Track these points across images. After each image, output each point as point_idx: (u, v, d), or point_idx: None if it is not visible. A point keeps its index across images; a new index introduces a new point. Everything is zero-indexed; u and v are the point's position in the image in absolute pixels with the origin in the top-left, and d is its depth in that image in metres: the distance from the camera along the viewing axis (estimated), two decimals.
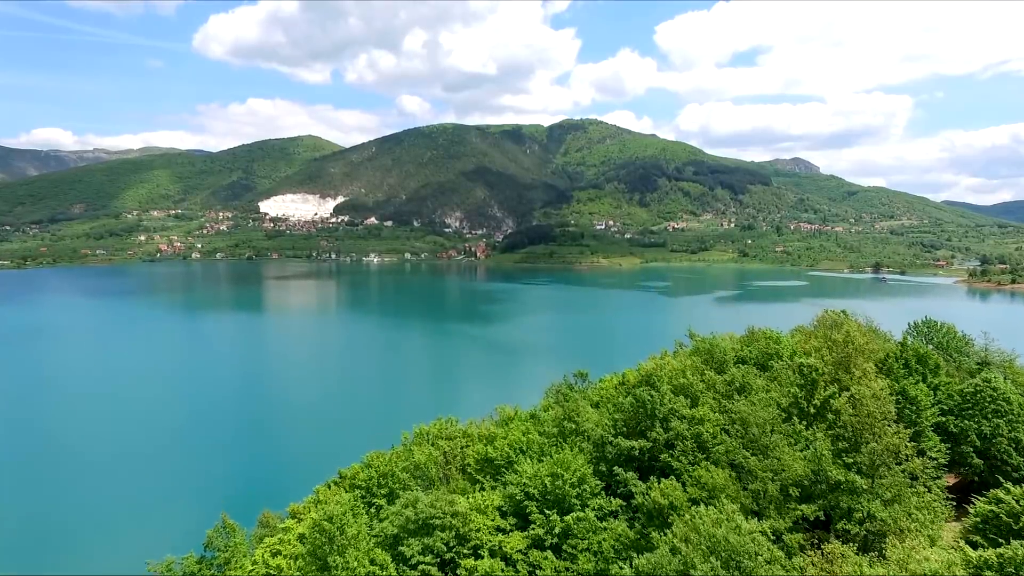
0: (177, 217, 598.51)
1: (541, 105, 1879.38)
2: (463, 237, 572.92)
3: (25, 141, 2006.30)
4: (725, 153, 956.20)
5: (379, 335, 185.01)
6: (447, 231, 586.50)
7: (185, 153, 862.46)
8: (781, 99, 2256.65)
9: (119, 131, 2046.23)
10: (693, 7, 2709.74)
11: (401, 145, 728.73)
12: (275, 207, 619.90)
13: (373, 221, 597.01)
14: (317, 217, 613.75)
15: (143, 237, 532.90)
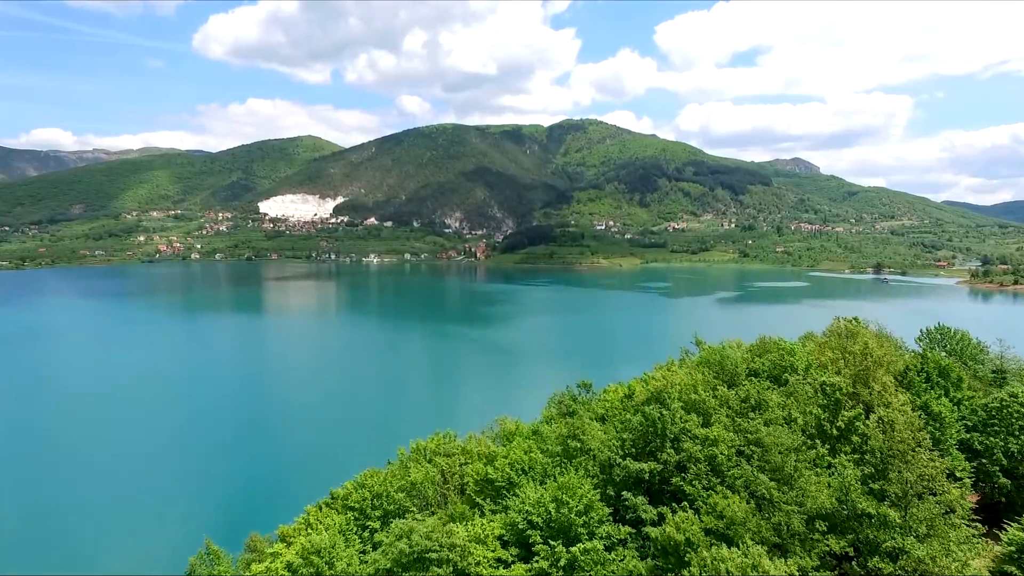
0: (176, 218, 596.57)
1: (541, 105, 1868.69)
2: (463, 237, 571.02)
3: (25, 141, 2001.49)
4: (725, 153, 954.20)
5: (378, 337, 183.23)
6: (447, 231, 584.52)
7: (185, 153, 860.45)
8: (781, 99, 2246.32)
9: (119, 131, 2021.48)
10: (693, 7, 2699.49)
11: (401, 145, 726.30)
12: (275, 207, 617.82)
13: (373, 221, 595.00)
14: (317, 217, 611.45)
15: (142, 238, 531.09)
